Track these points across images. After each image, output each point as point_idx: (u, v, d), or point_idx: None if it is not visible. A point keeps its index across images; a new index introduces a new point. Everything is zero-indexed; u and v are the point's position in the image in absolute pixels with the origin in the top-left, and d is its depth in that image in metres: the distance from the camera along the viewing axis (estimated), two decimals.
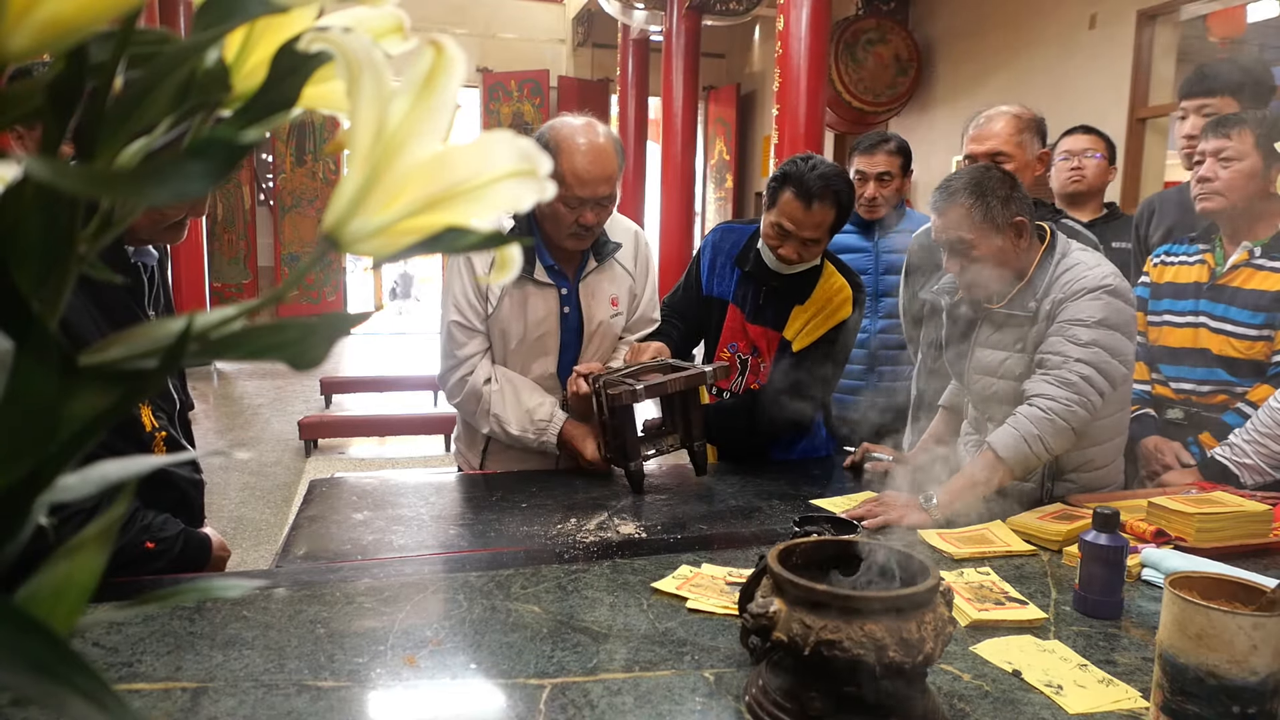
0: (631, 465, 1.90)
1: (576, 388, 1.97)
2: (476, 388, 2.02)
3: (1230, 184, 1.98)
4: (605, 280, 2.08)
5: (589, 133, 1.90)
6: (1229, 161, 1.99)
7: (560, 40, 11.40)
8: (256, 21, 0.38)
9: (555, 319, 2.04)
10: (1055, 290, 1.77)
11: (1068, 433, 1.69)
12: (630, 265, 2.13)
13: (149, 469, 0.37)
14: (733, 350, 2.23)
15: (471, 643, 1.16)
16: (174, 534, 1.42)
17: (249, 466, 5.27)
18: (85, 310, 1.29)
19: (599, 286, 2.07)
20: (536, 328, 2.03)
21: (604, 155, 1.89)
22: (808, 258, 2.06)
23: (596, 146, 1.88)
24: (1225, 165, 1.99)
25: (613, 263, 2.09)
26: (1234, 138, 1.98)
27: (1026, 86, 5.63)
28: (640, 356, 2.01)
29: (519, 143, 0.37)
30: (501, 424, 2.02)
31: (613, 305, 2.10)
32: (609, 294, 2.09)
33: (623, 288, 2.12)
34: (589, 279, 2.05)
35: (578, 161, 1.86)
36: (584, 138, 1.88)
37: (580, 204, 1.89)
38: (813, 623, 0.90)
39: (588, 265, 2.05)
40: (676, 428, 2.02)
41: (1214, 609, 0.87)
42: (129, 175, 0.33)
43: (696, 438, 1.99)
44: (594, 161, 1.87)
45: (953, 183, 1.81)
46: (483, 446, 2.17)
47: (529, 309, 2.02)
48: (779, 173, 2.02)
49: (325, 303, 11.33)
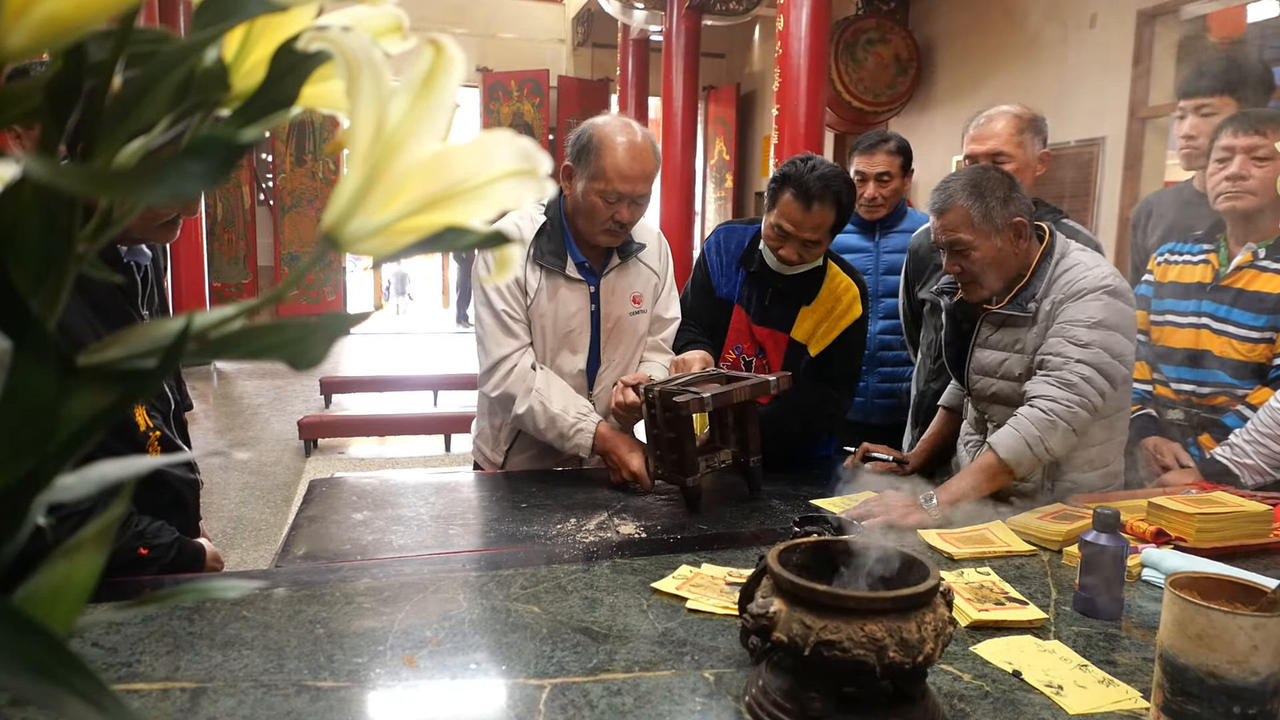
0: (689, 481, 1.77)
1: (624, 397, 1.93)
2: (524, 372, 1.99)
3: (1265, 182, 1.94)
4: (628, 278, 2.09)
5: (629, 131, 1.93)
6: (1264, 160, 1.94)
7: (560, 40, 11.41)
8: (255, 20, 0.38)
9: (586, 315, 2.05)
10: (1055, 291, 1.77)
11: (1069, 434, 1.69)
12: (655, 264, 2.14)
13: (147, 469, 0.37)
14: (737, 351, 2.23)
15: (471, 643, 1.16)
16: (168, 541, 1.41)
17: (249, 466, 5.27)
18: (79, 311, 1.29)
19: (620, 284, 2.08)
20: (567, 323, 2.04)
21: (644, 153, 1.91)
22: (809, 259, 2.05)
23: (636, 145, 1.91)
24: (1260, 164, 1.94)
25: (636, 261, 2.10)
26: (1270, 135, 1.94)
27: (1027, 86, 5.63)
28: (689, 368, 1.95)
29: (518, 142, 0.37)
30: (544, 401, 1.96)
31: (635, 303, 2.10)
32: (631, 291, 2.09)
33: (648, 286, 2.13)
34: (610, 276, 2.06)
35: (620, 157, 1.88)
36: (624, 135, 1.91)
37: (619, 199, 1.90)
38: (813, 623, 0.90)
39: (611, 262, 2.06)
40: (729, 441, 1.92)
41: (1214, 609, 0.87)
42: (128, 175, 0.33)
43: (753, 452, 1.89)
44: (635, 158, 1.89)
45: (951, 183, 1.80)
46: (507, 446, 2.14)
47: (560, 304, 2.02)
48: (778, 174, 2.02)
49: (325, 302, 11.33)
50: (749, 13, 7.81)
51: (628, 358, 2.12)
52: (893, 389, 2.74)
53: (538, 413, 1.98)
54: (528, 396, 1.97)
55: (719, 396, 1.74)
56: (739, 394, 1.79)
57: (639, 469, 1.92)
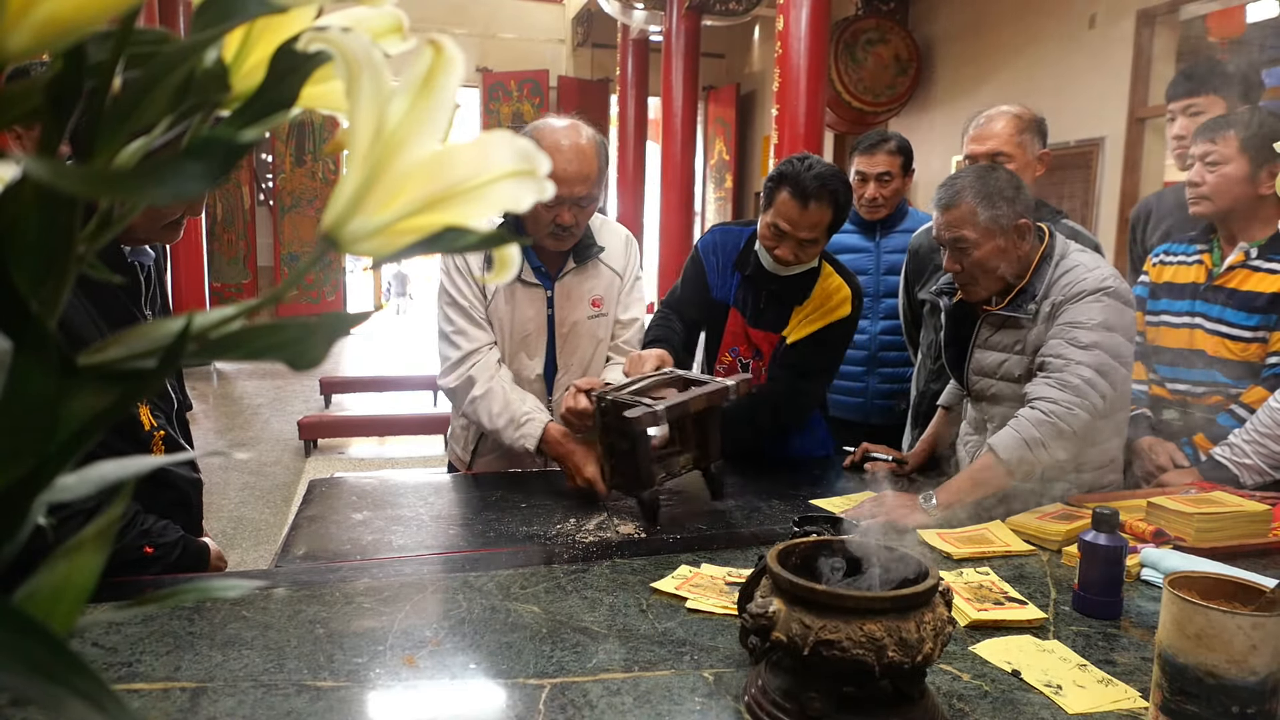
0: (645, 495, 1.71)
1: (576, 403, 1.87)
2: (490, 363, 1.99)
3: (1216, 188, 2.00)
4: (587, 281, 2.07)
5: (571, 134, 1.90)
6: (1214, 166, 2.00)
7: (560, 40, 11.41)
8: (255, 21, 0.38)
9: (543, 319, 2.05)
10: (1055, 292, 1.77)
11: (1070, 436, 1.68)
12: (619, 266, 2.13)
13: (148, 469, 0.37)
14: (734, 354, 2.22)
15: (471, 643, 1.16)
16: (173, 540, 1.42)
17: (248, 466, 5.27)
18: (84, 310, 1.29)
19: (577, 287, 2.06)
20: (524, 327, 2.04)
21: (583, 156, 1.88)
22: (805, 259, 2.04)
23: (577, 147, 1.88)
24: (1211, 169, 2.00)
25: (597, 263, 2.09)
26: (1219, 141, 1.99)
27: (1026, 86, 5.63)
28: (642, 367, 1.87)
29: (518, 143, 0.37)
30: (504, 386, 1.96)
31: (595, 306, 2.09)
32: (590, 295, 2.08)
33: (610, 289, 2.11)
34: (566, 279, 2.05)
35: (555, 161, 1.85)
36: (566, 139, 1.88)
37: (558, 202, 1.88)
38: (812, 623, 0.90)
39: (566, 266, 2.05)
40: (690, 447, 1.85)
41: (1213, 609, 0.87)
42: (127, 175, 0.33)
43: (714, 458, 1.85)
44: (571, 161, 1.86)
45: (959, 180, 1.80)
46: (473, 446, 2.17)
47: (516, 308, 2.03)
48: (775, 173, 2.01)
49: (325, 303, 11.33)
50: (749, 13, 7.80)
51: (586, 361, 2.10)
52: (893, 389, 2.74)
53: (495, 394, 1.96)
54: (489, 382, 1.97)
55: (673, 408, 1.65)
56: (695, 403, 1.71)
57: (593, 476, 1.85)
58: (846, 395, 2.77)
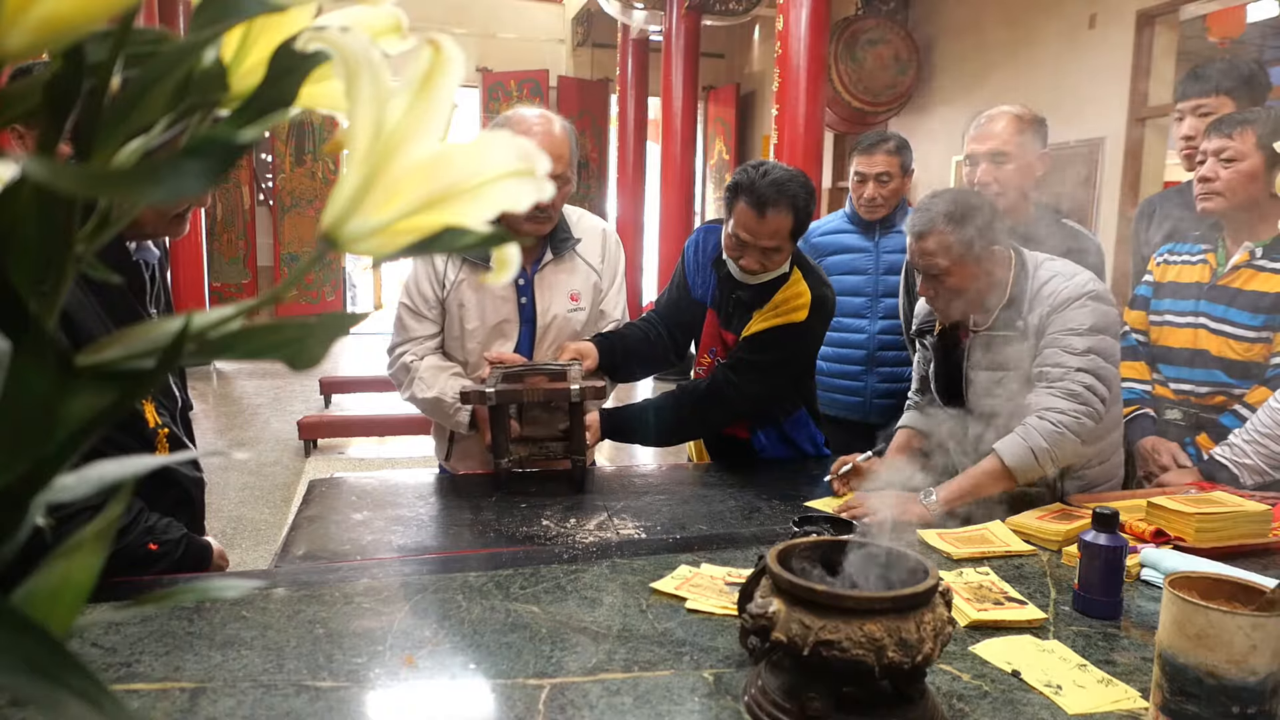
0: (503, 463, 1.91)
1: (481, 375, 1.98)
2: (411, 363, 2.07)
3: (1230, 184, 1.98)
4: (564, 274, 2.09)
5: (542, 120, 1.97)
6: (1230, 162, 1.98)
7: (560, 40, 11.40)
8: (254, 21, 0.38)
9: (514, 307, 2.06)
10: (1040, 304, 1.78)
11: (1076, 444, 1.70)
12: (596, 261, 2.13)
13: (147, 469, 0.37)
14: (712, 355, 2.19)
15: (470, 643, 1.16)
16: (176, 538, 1.42)
17: (248, 466, 5.27)
18: (91, 308, 1.30)
19: (555, 280, 2.08)
20: (495, 315, 2.06)
21: (553, 137, 1.94)
22: (771, 267, 2.00)
23: (548, 130, 1.95)
24: (1226, 165, 1.99)
25: (574, 257, 2.09)
26: (1236, 137, 1.98)
27: (1026, 86, 5.63)
28: (560, 356, 2.02)
29: (517, 142, 0.37)
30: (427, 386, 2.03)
31: (572, 300, 2.09)
32: (568, 288, 2.09)
33: (586, 283, 2.12)
34: (545, 271, 2.06)
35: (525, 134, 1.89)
36: (537, 124, 1.95)
37: None
38: (811, 623, 0.90)
39: (544, 258, 2.06)
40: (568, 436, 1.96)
41: (1213, 609, 0.87)
42: (126, 175, 0.33)
43: (575, 451, 1.95)
44: (542, 140, 1.90)
45: (933, 207, 1.78)
46: (447, 446, 2.20)
47: (485, 297, 2.04)
48: (731, 183, 1.97)
49: (325, 303, 11.33)
50: (749, 13, 7.80)
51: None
52: (893, 389, 2.73)
53: (441, 366, 2.05)
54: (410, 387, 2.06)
55: (503, 393, 1.84)
56: (530, 395, 1.87)
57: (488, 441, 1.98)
58: (846, 395, 2.77)
